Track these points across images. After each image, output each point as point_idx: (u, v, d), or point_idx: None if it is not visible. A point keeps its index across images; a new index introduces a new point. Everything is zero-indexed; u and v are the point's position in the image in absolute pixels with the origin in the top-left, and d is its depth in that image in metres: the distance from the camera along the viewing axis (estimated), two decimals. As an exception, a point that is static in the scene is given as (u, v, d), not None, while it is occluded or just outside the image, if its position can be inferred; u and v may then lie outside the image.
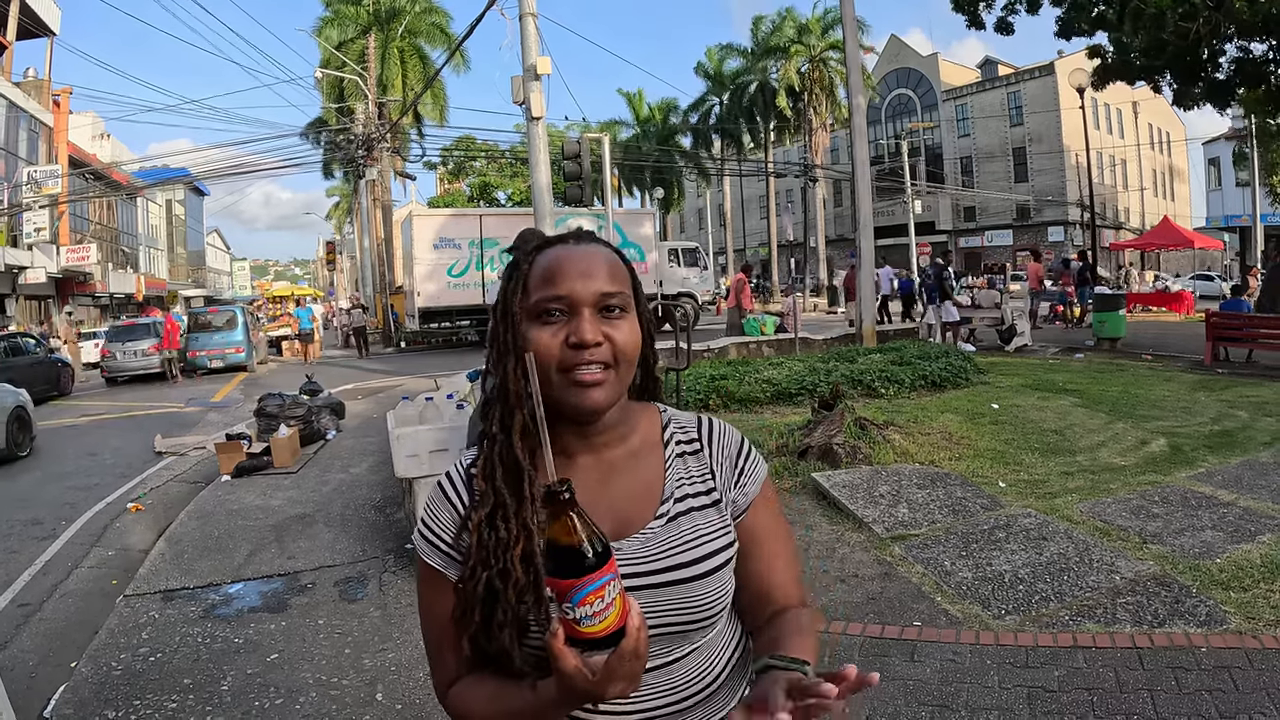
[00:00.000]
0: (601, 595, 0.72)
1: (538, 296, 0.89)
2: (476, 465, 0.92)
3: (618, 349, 0.88)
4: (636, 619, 0.74)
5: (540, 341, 0.87)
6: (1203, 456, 5.49)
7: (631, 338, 0.90)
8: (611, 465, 0.94)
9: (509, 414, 0.90)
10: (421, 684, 3.14)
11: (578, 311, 0.88)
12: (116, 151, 40.49)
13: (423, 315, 19.73)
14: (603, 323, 0.89)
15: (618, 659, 0.73)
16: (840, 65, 31.22)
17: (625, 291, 0.91)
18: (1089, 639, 3.04)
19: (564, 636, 0.73)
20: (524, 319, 0.90)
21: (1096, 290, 14.71)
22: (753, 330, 13.81)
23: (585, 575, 0.71)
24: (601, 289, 0.89)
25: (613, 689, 0.75)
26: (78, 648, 3.72)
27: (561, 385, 0.87)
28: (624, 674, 0.74)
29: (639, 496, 0.93)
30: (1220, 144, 36.02)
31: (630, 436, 0.96)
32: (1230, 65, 12.05)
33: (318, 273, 74.66)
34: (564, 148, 10.94)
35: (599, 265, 0.91)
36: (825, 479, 5.06)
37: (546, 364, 0.87)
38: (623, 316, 0.90)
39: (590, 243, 0.95)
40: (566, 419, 0.89)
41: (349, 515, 5.66)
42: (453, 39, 26.11)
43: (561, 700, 0.79)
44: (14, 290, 26.16)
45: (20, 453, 8.86)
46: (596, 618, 0.72)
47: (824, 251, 36.35)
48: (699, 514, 0.93)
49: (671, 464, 0.96)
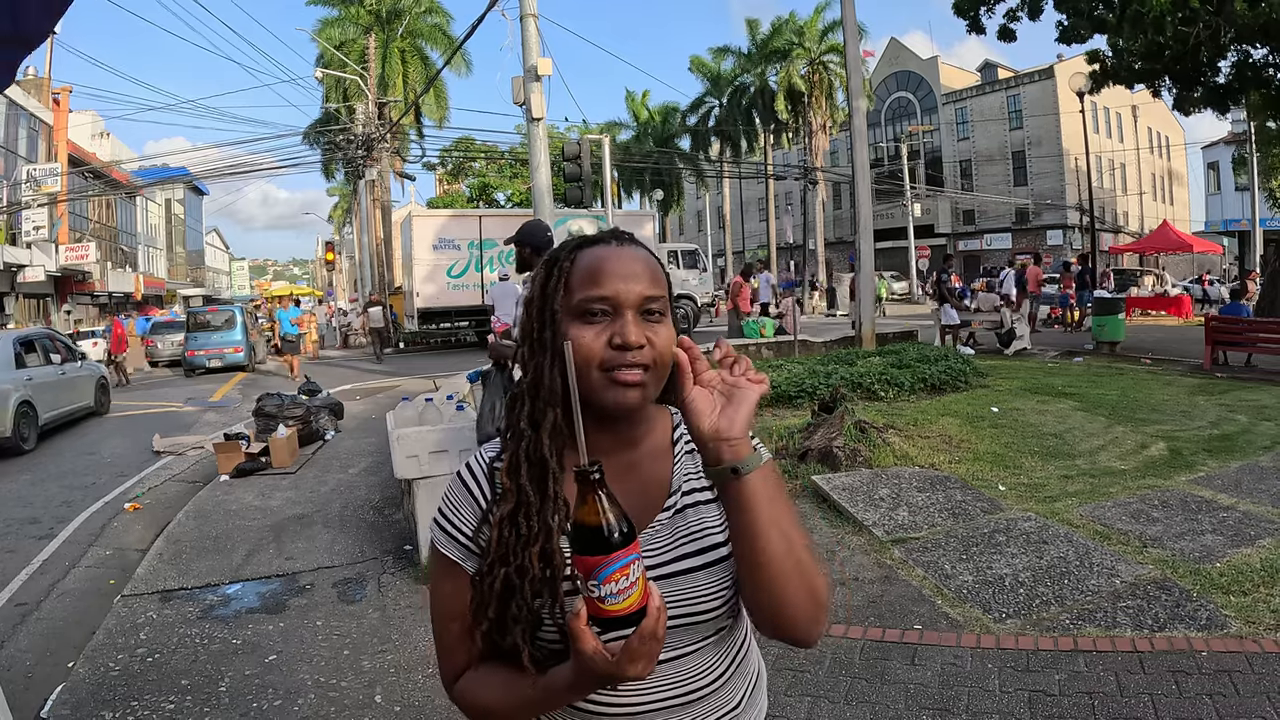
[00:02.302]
0: (626, 573, 0.75)
1: (581, 295, 0.89)
2: (501, 460, 0.92)
3: (657, 352, 0.89)
4: (657, 600, 0.77)
5: (582, 340, 0.87)
6: (1202, 460, 5.49)
7: (669, 342, 0.91)
8: (630, 463, 0.95)
9: (540, 411, 0.89)
10: (420, 686, 3.14)
11: (621, 313, 0.88)
12: (116, 150, 40.50)
13: (422, 316, 19.71)
14: (644, 325, 0.89)
15: (638, 639, 0.76)
16: (840, 68, 31.28)
17: (664, 296, 0.92)
18: (1090, 643, 3.04)
19: (586, 616, 0.76)
20: (565, 316, 0.90)
21: (1096, 294, 14.72)
22: (751, 333, 13.84)
23: (612, 553, 0.74)
24: (645, 292, 0.90)
25: (631, 670, 0.76)
26: (75, 648, 3.70)
27: (601, 384, 0.88)
28: (643, 654, 0.76)
29: (650, 493, 0.94)
30: (1219, 148, 36.09)
31: (647, 437, 0.97)
32: (1230, 70, 12.07)
33: (317, 273, 74.57)
34: (564, 149, 10.94)
35: (642, 268, 0.91)
36: (825, 482, 5.06)
37: (587, 362, 0.87)
38: (661, 320, 0.91)
39: (630, 244, 0.95)
40: (593, 416, 0.89)
41: (347, 516, 5.65)
42: (453, 40, 26.14)
43: (578, 683, 0.81)
44: (13, 289, 26.14)
45: (102, 410, 11.95)
46: (621, 595, 0.74)
47: (823, 254, 36.37)
48: (704, 508, 0.95)
49: (680, 460, 0.98)
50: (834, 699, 2.78)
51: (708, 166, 39.65)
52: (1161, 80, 12.59)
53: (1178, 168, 49.24)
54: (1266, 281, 13.12)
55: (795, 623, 0.88)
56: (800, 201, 37.64)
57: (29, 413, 9.44)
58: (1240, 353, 10.58)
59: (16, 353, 9.82)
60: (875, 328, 11.88)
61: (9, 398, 9.01)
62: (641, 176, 40.75)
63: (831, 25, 32.43)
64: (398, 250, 24.23)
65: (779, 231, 35.88)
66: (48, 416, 10.00)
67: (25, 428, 9.28)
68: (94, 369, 12.48)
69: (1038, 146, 40.84)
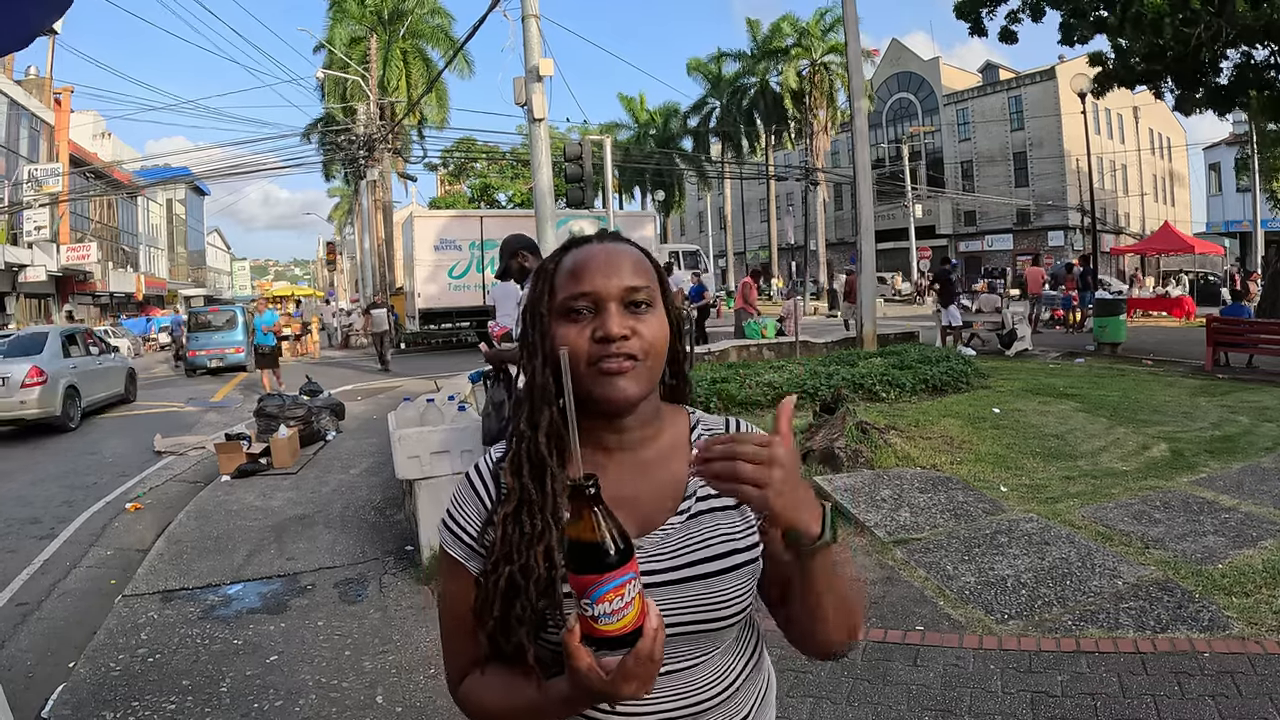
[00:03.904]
0: (621, 594, 0.72)
1: (564, 295, 0.91)
2: (505, 461, 0.93)
3: (645, 342, 0.89)
4: (655, 621, 0.74)
5: (568, 338, 0.88)
6: (1204, 461, 5.48)
7: (659, 332, 0.91)
8: (641, 464, 0.94)
9: (537, 412, 0.91)
10: (422, 687, 3.14)
11: (604, 307, 0.89)
12: (117, 150, 40.56)
13: (423, 317, 19.71)
14: (629, 317, 0.89)
15: (633, 660, 0.73)
16: (841, 69, 31.28)
17: (650, 286, 0.92)
18: (1092, 644, 3.03)
19: (580, 634, 0.74)
20: (552, 318, 0.91)
21: (1098, 295, 14.71)
22: (753, 333, 13.82)
23: (605, 573, 0.71)
24: (626, 284, 0.90)
25: (625, 690, 0.75)
26: (76, 648, 3.70)
27: (590, 378, 0.88)
28: (637, 675, 0.74)
29: (663, 495, 0.93)
30: (1221, 149, 36.09)
31: (660, 437, 0.96)
32: (1231, 71, 12.06)
33: (318, 273, 74.63)
34: (565, 150, 10.94)
35: (623, 261, 0.92)
36: (827, 483, 5.06)
37: (576, 359, 0.87)
38: (649, 311, 0.91)
39: (614, 241, 0.96)
40: (599, 415, 0.90)
41: (349, 516, 5.65)
42: (455, 41, 26.16)
43: (573, 698, 0.80)
44: (14, 288, 26.18)
45: (130, 398, 13.18)
46: (614, 616, 0.72)
47: (824, 255, 36.38)
48: (721, 514, 0.93)
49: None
50: (836, 700, 2.78)
51: (709, 167, 39.67)
52: (1163, 81, 12.59)
53: (1179, 169, 49.22)
54: (1268, 283, 13.11)
55: (829, 650, 0.95)
56: (801, 202, 37.71)
57: (74, 396, 10.89)
58: (1242, 354, 10.57)
59: (63, 344, 11.30)
60: (876, 328, 11.87)
61: (59, 382, 10.49)
62: (643, 177, 40.78)
63: (833, 24, 32.44)
64: (399, 251, 24.24)
65: (780, 232, 35.93)
66: (88, 400, 11.41)
67: (71, 408, 10.74)
68: (124, 361, 14.13)
69: (1039, 147, 40.83)
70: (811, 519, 0.81)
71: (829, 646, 0.94)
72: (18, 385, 9.91)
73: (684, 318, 1.00)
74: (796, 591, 0.89)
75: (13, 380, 9.90)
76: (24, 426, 10.08)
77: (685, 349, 1.01)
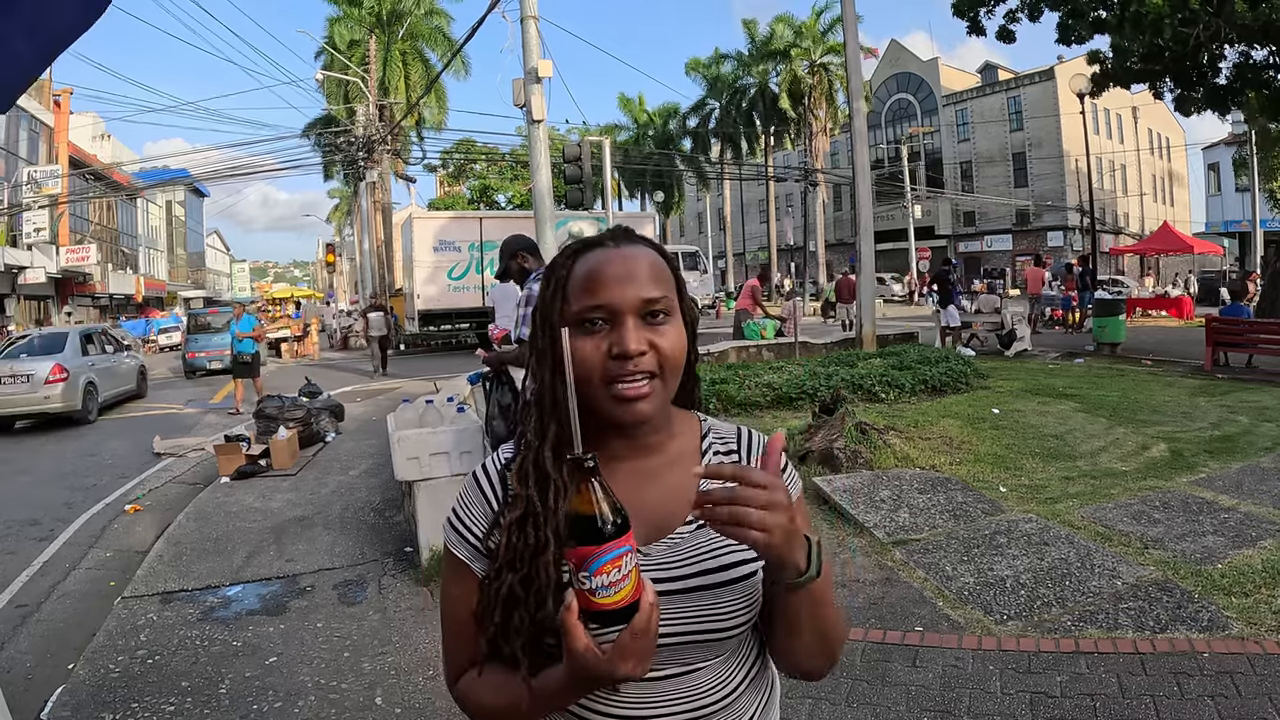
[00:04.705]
0: (618, 565, 0.73)
1: (578, 306, 0.87)
2: (513, 465, 0.91)
3: (663, 356, 0.86)
4: (650, 595, 0.75)
5: (582, 352, 0.85)
6: (1203, 462, 5.49)
7: (677, 343, 0.88)
8: (651, 471, 0.92)
9: (543, 424, 0.89)
10: (421, 688, 3.13)
11: (620, 320, 0.86)
12: (117, 152, 40.52)
13: (422, 318, 19.70)
14: (646, 329, 0.86)
15: (629, 635, 0.74)
16: (840, 70, 31.30)
17: (669, 295, 0.89)
18: (1091, 644, 3.03)
19: (577, 610, 0.74)
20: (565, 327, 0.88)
21: (1097, 295, 14.71)
22: (752, 334, 13.81)
23: (604, 543, 0.72)
24: (644, 295, 0.86)
25: (623, 668, 0.75)
26: (75, 649, 3.70)
27: (605, 399, 0.85)
28: (635, 652, 0.74)
29: (673, 502, 0.91)
30: (1220, 149, 36.10)
31: (670, 443, 0.94)
32: (1230, 70, 12.07)
33: (317, 275, 74.57)
34: (565, 151, 10.93)
35: (641, 269, 0.88)
36: (826, 483, 5.06)
37: (588, 376, 0.85)
38: (667, 321, 0.88)
39: (630, 243, 0.92)
40: (606, 422, 0.88)
41: (348, 518, 5.65)
42: (454, 42, 26.18)
43: (570, 682, 0.79)
44: (13, 290, 26.18)
45: (142, 394, 14.09)
46: (612, 588, 0.73)
47: (824, 256, 36.40)
48: None
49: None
50: (835, 701, 2.78)
51: (708, 168, 39.68)
52: (1162, 81, 12.60)
53: (1178, 169, 49.25)
54: (1267, 283, 13.11)
55: (805, 673, 0.96)
56: (801, 203, 37.71)
57: (93, 391, 11.58)
58: (1241, 354, 10.58)
59: (82, 343, 12.07)
60: (875, 329, 11.87)
61: (80, 377, 11.24)
62: (642, 178, 40.78)
63: (832, 24, 32.47)
64: (398, 252, 24.22)
65: (780, 233, 35.99)
66: (105, 395, 12.12)
67: (90, 403, 11.44)
68: (137, 359, 15.00)
69: (1038, 148, 40.86)
70: (801, 556, 0.80)
71: (805, 671, 0.94)
72: (42, 381, 10.63)
73: (697, 319, 0.98)
74: (778, 616, 0.89)
75: (37, 377, 10.64)
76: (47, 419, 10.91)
77: (696, 350, 0.98)
